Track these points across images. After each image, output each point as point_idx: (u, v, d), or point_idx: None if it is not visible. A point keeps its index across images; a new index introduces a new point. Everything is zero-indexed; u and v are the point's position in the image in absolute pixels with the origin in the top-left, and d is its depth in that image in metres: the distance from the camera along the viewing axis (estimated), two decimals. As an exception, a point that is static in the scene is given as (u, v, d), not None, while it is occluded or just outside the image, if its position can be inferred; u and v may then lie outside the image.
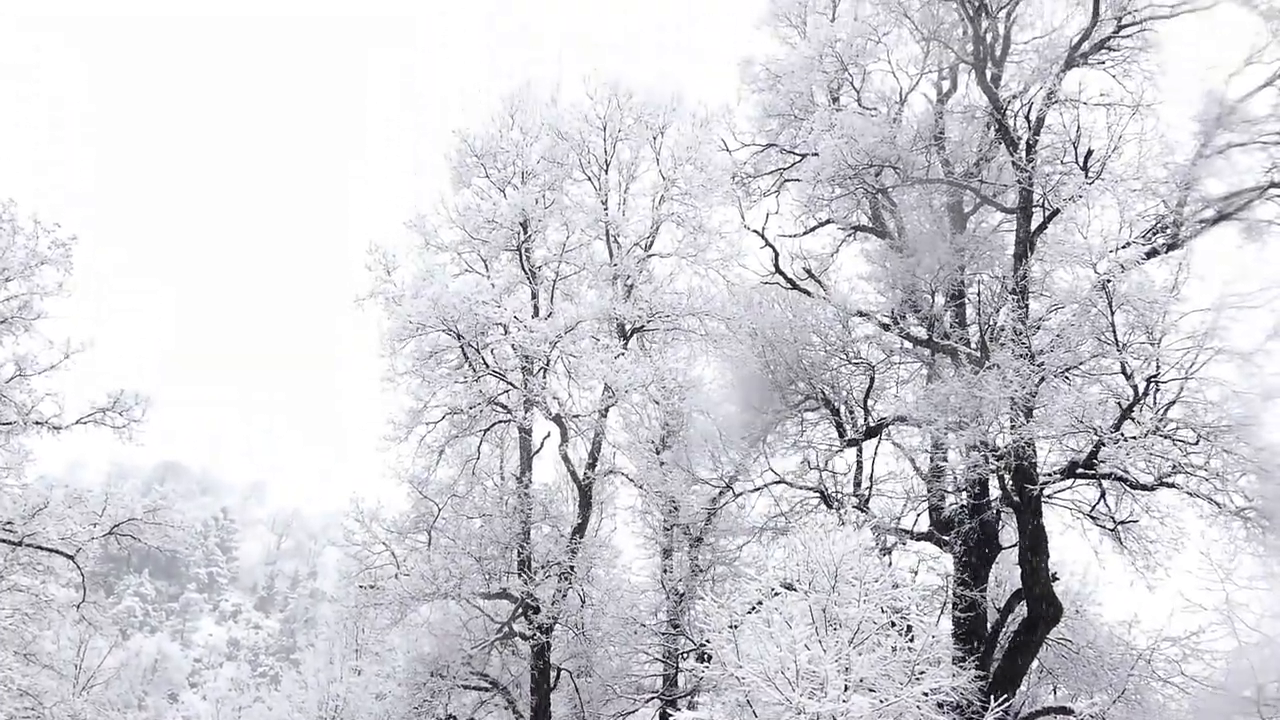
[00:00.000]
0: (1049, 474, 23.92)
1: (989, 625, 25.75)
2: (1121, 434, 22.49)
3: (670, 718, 27.75)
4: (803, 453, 27.76)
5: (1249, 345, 21.20)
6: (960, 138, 27.22)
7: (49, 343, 24.07)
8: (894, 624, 18.77)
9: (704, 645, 22.24)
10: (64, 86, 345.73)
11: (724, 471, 29.37)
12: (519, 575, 30.57)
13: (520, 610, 30.53)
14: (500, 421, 31.65)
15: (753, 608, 19.86)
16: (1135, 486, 23.41)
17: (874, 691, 17.57)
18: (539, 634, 30.27)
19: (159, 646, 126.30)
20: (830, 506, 26.41)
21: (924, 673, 18.17)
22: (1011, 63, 25.96)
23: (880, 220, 27.92)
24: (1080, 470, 23.53)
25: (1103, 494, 24.35)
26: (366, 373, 33.42)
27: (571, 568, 30.62)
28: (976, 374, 24.29)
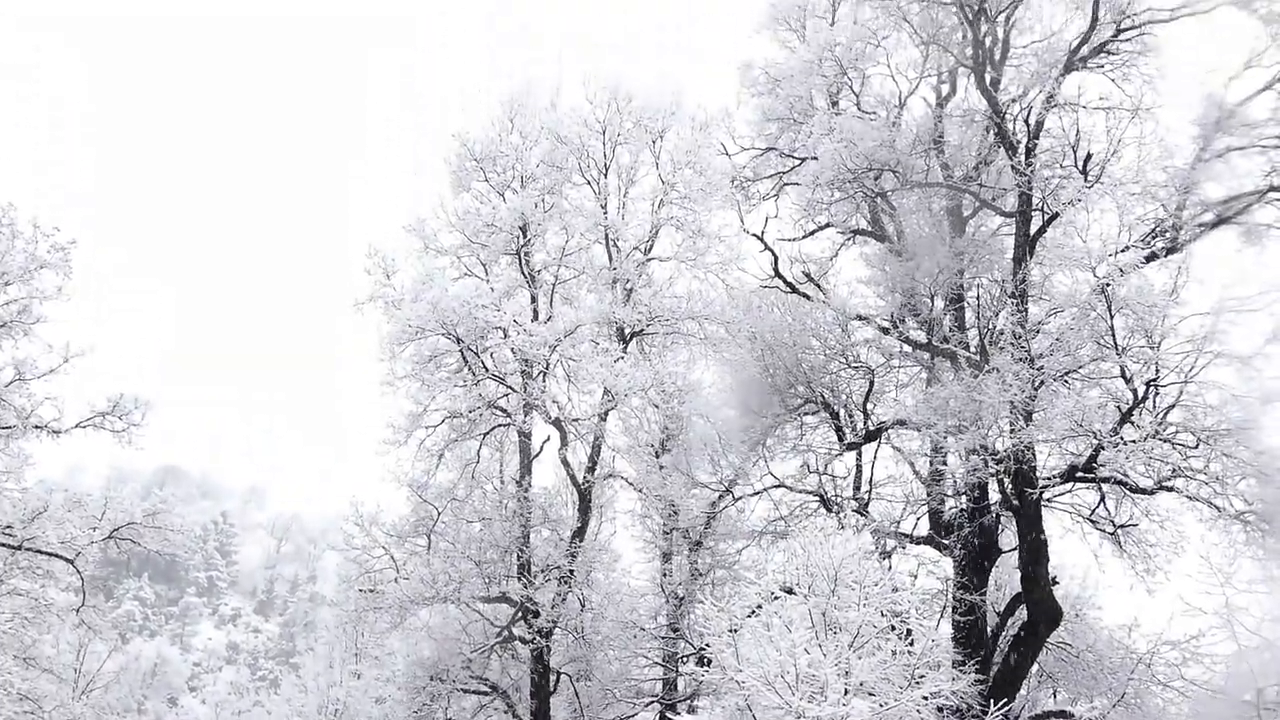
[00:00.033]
0: (1048, 478, 23.91)
1: (989, 629, 25.74)
2: (1121, 438, 22.49)
3: (670, 722, 27.75)
4: (802, 456, 27.75)
5: (1248, 349, 21.24)
6: (959, 141, 27.24)
7: (48, 347, 24.18)
8: (894, 628, 18.78)
9: (704, 649, 22.27)
10: (64, 86, 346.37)
11: (723, 475, 29.33)
12: (518, 579, 30.54)
13: (520, 614, 30.52)
14: (500, 425, 31.62)
15: (752, 611, 19.85)
16: (1135, 490, 23.39)
17: (874, 695, 17.59)
18: (538, 638, 30.23)
19: (158, 650, 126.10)
20: (830, 510, 26.39)
21: (924, 676, 18.18)
22: (1011, 66, 25.98)
23: (880, 224, 27.93)
24: (1080, 474, 23.52)
25: (1102, 498, 24.32)
26: (366, 376, 33.41)
27: (571, 571, 30.59)
28: (976, 378, 24.28)
